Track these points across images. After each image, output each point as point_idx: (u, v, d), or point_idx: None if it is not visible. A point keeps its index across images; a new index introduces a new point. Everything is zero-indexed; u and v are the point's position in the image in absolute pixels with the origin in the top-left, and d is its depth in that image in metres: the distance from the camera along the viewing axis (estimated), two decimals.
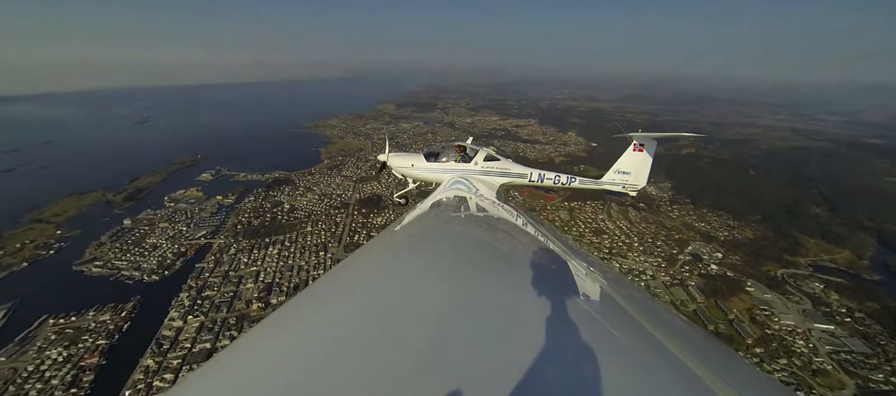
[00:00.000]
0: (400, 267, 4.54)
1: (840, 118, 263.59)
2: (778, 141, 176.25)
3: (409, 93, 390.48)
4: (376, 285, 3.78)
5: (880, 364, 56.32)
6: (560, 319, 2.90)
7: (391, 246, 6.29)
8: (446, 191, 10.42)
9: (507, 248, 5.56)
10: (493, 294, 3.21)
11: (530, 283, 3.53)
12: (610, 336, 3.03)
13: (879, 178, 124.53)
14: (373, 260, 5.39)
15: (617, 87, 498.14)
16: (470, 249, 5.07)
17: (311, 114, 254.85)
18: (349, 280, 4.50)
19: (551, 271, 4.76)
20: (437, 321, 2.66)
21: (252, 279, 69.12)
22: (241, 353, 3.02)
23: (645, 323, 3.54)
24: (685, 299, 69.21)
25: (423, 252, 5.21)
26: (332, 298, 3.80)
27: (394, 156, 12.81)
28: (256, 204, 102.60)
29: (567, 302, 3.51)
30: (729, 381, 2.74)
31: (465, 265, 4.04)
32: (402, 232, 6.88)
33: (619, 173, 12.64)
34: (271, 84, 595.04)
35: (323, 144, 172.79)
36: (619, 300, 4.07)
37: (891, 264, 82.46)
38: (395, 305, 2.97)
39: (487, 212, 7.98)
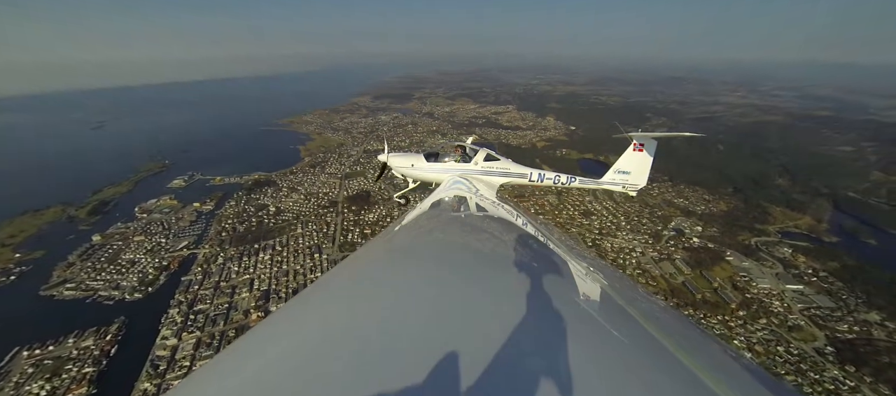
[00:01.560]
0: (400, 267, 4.53)
1: (791, 93, 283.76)
2: (740, 117, 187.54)
3: (384, 85, 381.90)
4: (376, 285, 3.75)
5: (844, 316, 62.46)
6: (560, 319, 2.90)
7: (391, 245, 6.27)
8: (446, 190, 10.40)
9: (508, 248, 5.51)
10: (494, 294, 3.20)
11: (530, 283, 3.49)
12: (610, 336, 3.04)
13: (830, 148, 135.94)
14: (373, 260, 5.39)
15: (588, 72, 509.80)
16: (470, 249, 5.07)
17: (284, 110, 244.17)
18: (349, 280, 4.50)
19: (551, 271, 4.75)
20: (437, 321, 2.64)
21: (246, 288, 66.35)
22: (241, 354, 2.98)
23: (645, 323, 3.53)
24: (674, 272, 73.23)
25: (423, 252, 5.20)
26: (331, 299, 3.76)
27: (394, 156, 12.61)
28: (239, 208, 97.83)
29: (567, 302, 3.56)
30: (729, 381, 2.76)
31: (466, 265, 4.03)
32: (402, 232, 6.88)
33: (620, 173, 12.59)
34: (237, 80, 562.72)
35: (301, 141, 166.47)
36: (619, 300, 4.06)
37: (845, 226, 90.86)
38: (395, 305, 2.95)
39: (487, 212, 7.96)
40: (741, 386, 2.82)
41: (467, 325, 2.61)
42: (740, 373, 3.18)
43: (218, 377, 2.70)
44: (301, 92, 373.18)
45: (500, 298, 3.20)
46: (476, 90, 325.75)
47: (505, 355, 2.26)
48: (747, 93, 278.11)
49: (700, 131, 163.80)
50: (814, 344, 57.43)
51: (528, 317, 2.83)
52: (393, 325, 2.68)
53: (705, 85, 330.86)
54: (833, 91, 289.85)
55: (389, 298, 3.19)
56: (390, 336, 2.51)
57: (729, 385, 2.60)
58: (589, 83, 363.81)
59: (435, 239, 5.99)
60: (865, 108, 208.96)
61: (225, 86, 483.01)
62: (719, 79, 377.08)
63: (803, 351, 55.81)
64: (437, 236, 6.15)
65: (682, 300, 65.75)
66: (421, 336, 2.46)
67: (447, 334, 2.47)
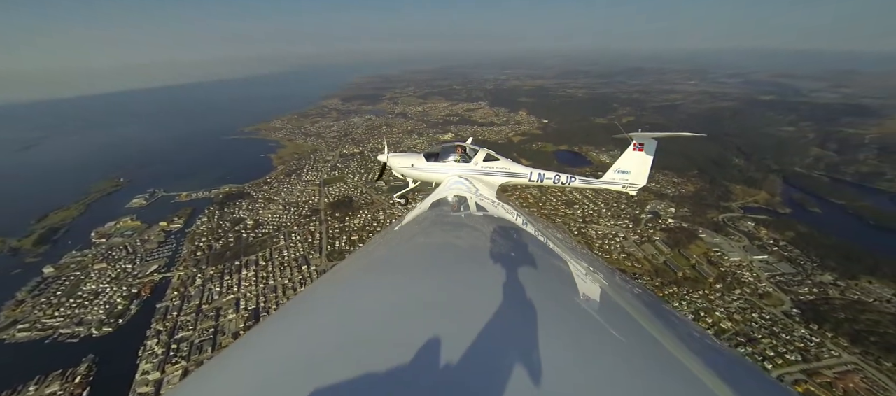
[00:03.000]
0: (399, 267, 4.51)
1: (736, 80, 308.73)
2: (696, 104, 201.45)
3: (352, 86, 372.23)
4: (376, 285, 3.77)
5: (804, 280, 69.15)
6: (560, 319, 2.91)
7: (391, 245, 6.27)
8: (446, 190, 10.41)
9: (508, 248, 5.54)
10: (494, 293, 3.20)
11: (530, 283, 3.52)
12: (610, 336, 3.03)
13: (776, 128, 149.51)
14: (372, 261, 5.37)
15: (553, 65, 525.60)
16: (470, 249, 5.08)
17: (248, 116, 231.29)
18: (349, 280, 4.49)
19: (551, 271, 4.80)
20: (437, 321, 2.65)
21: (232, 308, 62.42)
22: (241, 354, 2.98)
23: (645, 323, 3.54)
24: (655, 253, 77.49)
25: (422, 251, 5.18)
26: (331, 299, 3.77)
27: (394, 156, 12.60)
28: (212, 224, 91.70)
29: (567, 302, 3.62)
30: (729, 381, 2.77)
31: (465, 264, 4.05)
32: (402, 232, 6.88)
33: (619, 172, 12.69)
34: (189, 87, 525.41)
35: (271, 149, 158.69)
36: (619, 300, 4.07)
37: (795, 198, 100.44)
38: (395, 305, 2.96)
39: (487, 212, 7.99)
40: (740, 387, 2.80)
41: (467, 325, 2.53)
42: (739, 374, 3.16)
43: (217, 377, 2.65)
44: (265, 97, 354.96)
45: (501, 298, 3.14)
46: (447, 88, 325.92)
47: (505, 355, 2.27)
48: (699, 82, 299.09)
49: (663, 120, 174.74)
50: (782, 308, 63.07)
51: (529, 317, 2.84)
52: (392, 325, 2.65)
53: (662, 74, 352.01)
54: (770, 76, 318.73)
55: (389, 298, 3.15)
56: (390, 337, 2.50)
57: (728, 386, 2.60)
58: (556, 76, 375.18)
59: (435, 239, 5.92)
60: (799, 91, 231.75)
61: (180, 93, 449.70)
62: (673, 69, 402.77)
63: (774, 315, 61.11)
64: (436, 236, 6.09)
65: (666, 279, 69.80)
66: (421, 336, 2.38)
67: (447, 334, 2.41)
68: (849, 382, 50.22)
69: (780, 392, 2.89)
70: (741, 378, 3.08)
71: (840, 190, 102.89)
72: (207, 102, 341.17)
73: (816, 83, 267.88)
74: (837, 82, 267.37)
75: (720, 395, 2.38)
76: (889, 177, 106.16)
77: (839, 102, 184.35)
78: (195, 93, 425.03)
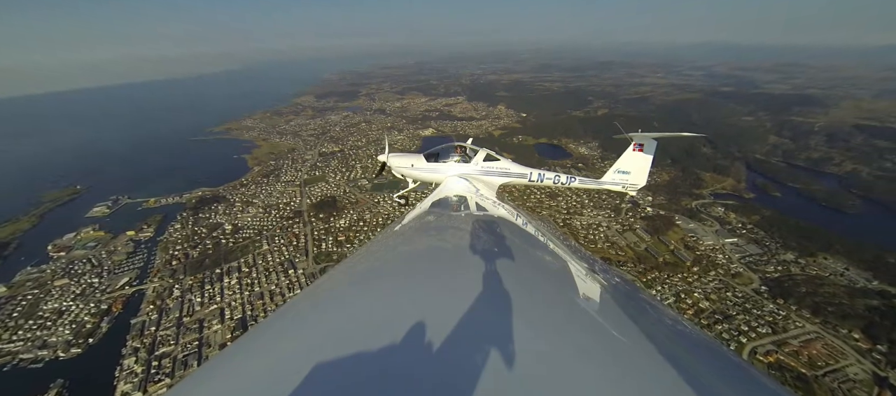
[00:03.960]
0: (400, 266, 4.54)
1: (699, 72, 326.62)
2: (664, 96, 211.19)
3: (325, 83, 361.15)
4: (377, 284, 3.82)
5: (769, 259, 74.78)
6: (560, 319, 2.97)
7: (391, 245, 6.32)
8: (446, 190, 10.53)
9: (507, 248, 5.59)
10: (493, 293, 3.24)
11: (530, 283, 3.60)
12: (610, 336, 3.07)
13: (737, 118, 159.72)
14: (373, 261, 5.41)
15: (527, 59, 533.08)
16: (470, 248, 5.13)
17: (216, 115, 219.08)
18: (350, 280, 4.52)
19: (551, 271, 4.88)
20: (437, 320, 2.67)
21: (216, 319, 59.38)
22: (241, 354, 2.99)
23: (645, 323, 3.58)
24: (637, 241, 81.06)
25: (423, 251, 5.24)
26: (332, 298, 3.81)
27: (394, 156, 12.55)
28: (187, 231, 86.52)
29: (567, 301, 3.66)
30: (728, 381, 2.82)
31: (465, 264, 4.07)
32: (403, 232, 6.92)
33: (619, 173, 12.64)
34: (141, 85, 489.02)
35: (245, 150, 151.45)
36: (620, 300, 4.12)
37: (758, 183, 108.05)
38: (395, 305, 2.98)
39: (487, 212, 8.08)
40: (739, 386, 2.83)
41: (467, 325, 2.59)
42: (738, 373, 3.20)
43: (216, 378, 2.64)
44: (230, 95, 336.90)
45: (501, 298, 3.20)
46: (424, 83, 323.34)
47: (505, 354, 2.28)
48: (666, 74, 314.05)
49: (635, 112, 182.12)
50: (752, 286, 67.95)
51: (529, 317, 2.88)
52: (392, 324, 2.65)
53: (631, 68, 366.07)
54: (728, 69, 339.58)
55: (389, 298, 3.17)
56: (390, 336, 2.49)
57: (727, 385, 2.64)
58: (531, 71, 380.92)
59: (435, 238, 5.95)
60: (755, 83, 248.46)
61: (133, 92, 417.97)
62: (641, 63, 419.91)
63: (746, 293, 65.75)
64: (437, 236, 6.12)
65: (648, 264, 73.25)
66: (421, 336, 2.43)
67: (447, 333, 2.45)
68: (812, 349, 55.11)
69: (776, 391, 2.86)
70: (739, 376, 3.10)
71: (795, 174, 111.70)
72: (165, 102, 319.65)
73: (769, 75, 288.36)
74: (787, 74, 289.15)
75: (719, 394, 2.41)
76: (837, 161, 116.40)
77: (790, 93, 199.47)
78: (150, 93, 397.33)
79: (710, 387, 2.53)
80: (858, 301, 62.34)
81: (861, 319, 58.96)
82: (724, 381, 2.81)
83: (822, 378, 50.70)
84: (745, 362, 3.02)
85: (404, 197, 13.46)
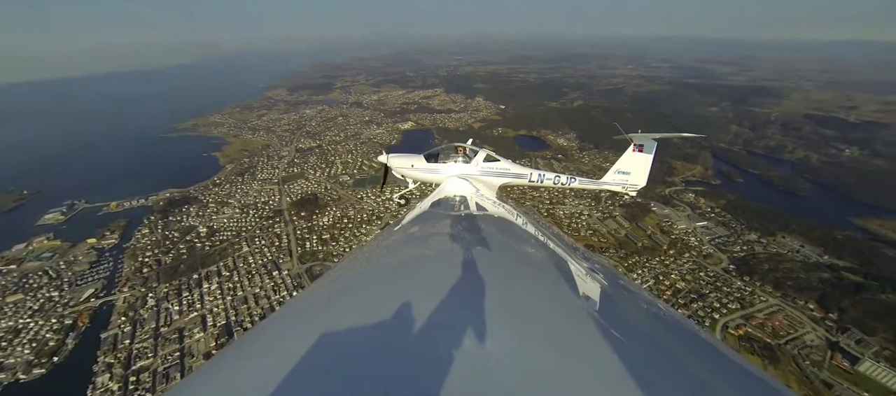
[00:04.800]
0: (400, 267, 4.58)
1: (666, 65, 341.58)
2: (636, 87, 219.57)
3: (297, 75, 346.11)
4: (376, 285, 3.85)
5: (736, 240, 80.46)
6: (560, 319, 2.98)
7: (391, 246, 6.34)
8: (446, 190, 10.62)
9: (507, 248, 5.60)
10: (493, 293, 3.27)
11: (530, 283, 3.64)
12: (610, 336, 3.07)
13: (703, 109, 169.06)
14: (373, 260, 5.46)
15: (502, 50, 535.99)
16: (469, 249, 5.19)
17: (181, 111, 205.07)
18: (349, 280, 4.58)
19: (551, 271, 4.89)
20: (437, 320, 2.70)
21: (198, 327, 56.49)
22: (242, 354, 3.01)
23: (645, 322, 3.62)
24: (617, 228, 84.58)
25: (422, 251, 5.28)
26: (332, 299, 3.84)
27: (394, 156, 12.50)
28: (157, 236, 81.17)
29: (567, 301, 3.68)
30: (728, 381, 2.82)
31: (465, 264, 4.15)
32: (402, 232, 6.96)
33: (619, 173, 12.60)
34: (100, 78, 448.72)
35: (215, 147, 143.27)
36: (619, 300, 4.14)
37: (723, 170, 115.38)
38: (395, 306, 3.02)
39: (487, 212, 8.14)
40: (740, 386, 2.85)
41: (467, 325, 2.59)
42: (739, 373, 3.22)
43: (216, 378, 2.66)
44: (196, 88, 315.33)
45: (501, 298, 3.25)
46: (400, 75, 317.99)
47: (505, 354, 2.34)
48: (637, 66, 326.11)
49: (609, 103, 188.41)
50: (721, 265, 72.93)
51: (529, 317, 2.92)
52: (392, 325, 2.68)
53: (604, 60, 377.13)
54: (693, 62, 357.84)
55: (389, 299, 3.20)
56: (389, 337, 2.54)
57: (728, 385, 2.66)
58: (507, 62, 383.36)
59: (435, 239, 5.98)
60: (716, 75, 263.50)
61: (87, 85, 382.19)
62: (614, 54, 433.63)
63: (717, 272, 70.52)
64: (437, 236, 6.14)
65: (629, 250, 76.77)
66: (420, 336, 2.46)
67: (446, 334, 2.47)
68: (775, 321, 60.20)
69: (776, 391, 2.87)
70: (740, 376, 3.16)
71: (755, 161, 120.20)
72: (118, 97, 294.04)
73: (728, 68, 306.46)
74: (744, 67, 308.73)
75: (720, 393, 2.42)
76: (790, 149, 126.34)
77: (747, 85, 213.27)
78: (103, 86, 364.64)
79: (712, 384, 2.52)
80: (813, 274, 68.54)
81: (815, 291, 64.97)
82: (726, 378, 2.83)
83: (784, 347, 55.56)
84: (745, 360, 3.15)
85: (404, 197, 13.34)
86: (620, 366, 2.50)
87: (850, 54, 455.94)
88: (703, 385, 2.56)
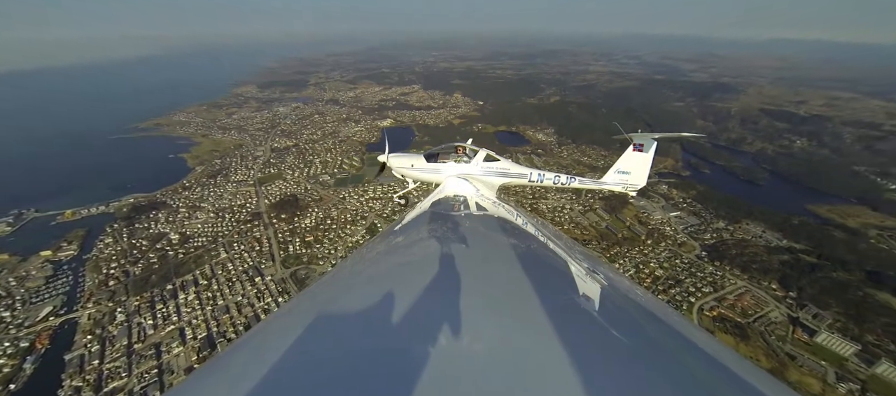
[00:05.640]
0: (399, 266, 4.61)
1: (634, 61, 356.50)
2: (608, 83, 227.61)
3: (268, 71, 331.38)
4: (376, 285, 3.87)
5: (706, 228, 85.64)
6: (560, 319, 2.98)
7: (391, 246, 6.35)
8: (446, 190, 10.66)
9: (507, 248, 5.63)
10: (493, 293, 3.29)
11: (530, 283, 3.63)
12: (610, 336, 3.08)
13: (670, 104, 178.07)
14: (373, 260, 5.51)
15: (477, 46, 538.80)
16: (470, 248, 5.19)
17: (141, 109, 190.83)
18: (350, 280, 4.62)
19: (551, 271, 4.91)
20: (437, 320, 2.70)
21: (176, 341, 53.16)
22: (243, 354, 3.05)
23: (645, 323, 3.61)
24: (597, 220, 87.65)
25: (422, 251, 5.29)
26: (332, 299, 3.90)
27: (394, 156, 12.56)
28: (122, 245, 75.40)
29: (567, 301, 3.69)
30: (728, 380, 2.82)
31: (465, 264, 4.15)
32: (402, 232, 6.99)
33: (620, 173, 12.62)
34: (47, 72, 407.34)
35: (181, 148, 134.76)
36: (619, 300, 4.14)
37: (692, 163, 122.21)
38: (395, 306, 3.01)
39: (487, 212, 8.15)
40: (740, 386, 2.86)
41: (467, 325, 2.62)
42: (739, 373, 3.21)
43: (216, 379, 2.67)
44: (156, 85, 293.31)
45: (500, 298, 3.27)
46: (376, 71, 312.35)
47: (505, 355, 2.35)
48: (607, 63, 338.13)
49: (584, 98, 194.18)
50: (694, 253, 77.45)
51: (528, 317, 2.93)
52: (392, 326, 2.70)
53: (576, 56, 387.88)
54: (659, 59, 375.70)
55: (389, 299, 3.21)
56: (390, 338, 2.55)
57: (728, 385, 2.67)
58: (483, 58, 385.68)
59: (435, 239, 5.96)
60: (681, 72, 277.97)
61: (32, 81, 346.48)
62: (583, 51, 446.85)
63: (690, 259, 74.81)
64: (437, 236, 6.12)
65: (610, 241, 79.83)
66: (421, 337, 2.49)
67: (446, 334, 2.49)
68: (743, 301, 64.83)
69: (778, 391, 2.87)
70: (740, 376, 3.18)
71: (719, 153, 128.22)
72: (70, 94, 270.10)
73: (691, 64, 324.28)
74: (705, 64, 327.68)
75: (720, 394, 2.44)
76: (749, 141, 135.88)
77: (709, 81, 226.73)
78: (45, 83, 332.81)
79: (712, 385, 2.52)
80: (774, 257, 74.28)
81: (777, 272, 70.48)
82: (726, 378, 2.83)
83: (752, 324, 59.99)
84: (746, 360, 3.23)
85: (404, 197, 13.30)
86: (620, 366, 2.52)
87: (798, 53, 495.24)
88: (702, 385, 2.57)
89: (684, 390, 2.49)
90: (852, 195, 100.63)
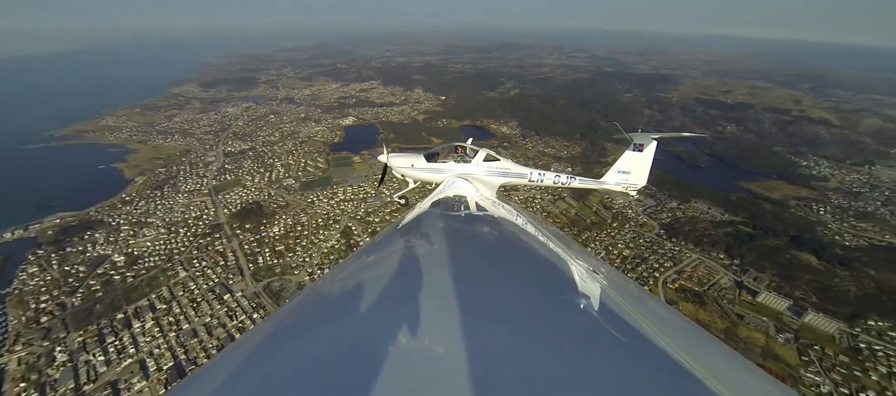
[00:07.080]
0: (400, 266, 4.61)
1: (584, 55, 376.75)
2: (563, 76, 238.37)
3: (210, 68, 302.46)
4: (377, 285, 3.85)
5: (662, 209, 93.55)
6: (560, 318, 2.99)
7: (391, 246, 6.35)
8: (446, 190, 10.73)
9: (507, 247, 5.67)
10: (493, 293, 3.31)
11: (530, 283, 3.72)
12: (610, 336, 3.08)
13: (620, 95, 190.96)
14: (373, 260, 5.51)
15: (434, 40, 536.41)
16: (470, 248, 5.18)
17: (59, 114, 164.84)
18: (350, 280, 4.64)
19: (551, 270, 4.94)
20: (437, 320, 2.72)
21: (137, 375, 47.35)
22: (244, 354, 3.02)
23: (645, 323, 3.64)
24: (567, 208, 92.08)
25: (423, 251, 5.32)
26: (333, 299, 3.90)
27: (394, 156, 12.73)
28: (52, 274, 65.29)
29: (567, 301, 3.70)
30: (728, 380, 2.84)
31: (465, 264, 4.12)
32: (403, 232, 7.01)
33: (620, 173, 12.79)
34: None
35: (115, 157, 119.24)
36: (619, 300, 4.16)
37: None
38: (395, 305, 3.02)
39: (487, 212, 8.18)
40: (741, 386, 2.88)
41: (468, 325, 2.62)
42: (740, 373, 3.23)
43: (216, 379, 2.67)
44: (78, 84, 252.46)
45: (501, 298, 3.31)
46: (331, 67, 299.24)
47: (505, 354, 2.37)
48: (560, 56, 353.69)
49: (542, 91, 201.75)
50: (654, 232, 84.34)
51: (529, 317, 2.97)
52: (392, 326, 2.69)
53: (531, 50, 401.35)
54: (607, 52, 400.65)
55: (390, 299, 3.24)
56: (390, 338, 2.54)
57: (729, 385, 2.69)
58: (441, 52, 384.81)
59: (435, 239, 6.03)
60: (627, 64, 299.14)
61: None
62: (538, 45, 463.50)
63: (652, 238, 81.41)
64: (437, 236, 6.19)
65: (580, 226, 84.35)
66: (420, 336, 2.50)
67: (448, 334, 2.50)
68: (698, 272, 72.03)
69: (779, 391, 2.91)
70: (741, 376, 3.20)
71: (666, 140, 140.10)
72: None
73: (635, 58, 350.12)
74: (647, 57, 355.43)
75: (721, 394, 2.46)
76: (689, 128, 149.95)
77: (652, 73, 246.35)
78: None
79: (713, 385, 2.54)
80: (719, 230, 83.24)
81: (723, 243, 79.12)
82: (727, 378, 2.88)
83: (707, 292, 66.93)
84: (747, 360, 3.47)
85: (404, 197, 13.12)
86: (620, 365, 2.56)
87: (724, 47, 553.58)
88: (704, 384, 2.54)
89: (685, 389, 2.51)
90: (773, 172, 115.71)
